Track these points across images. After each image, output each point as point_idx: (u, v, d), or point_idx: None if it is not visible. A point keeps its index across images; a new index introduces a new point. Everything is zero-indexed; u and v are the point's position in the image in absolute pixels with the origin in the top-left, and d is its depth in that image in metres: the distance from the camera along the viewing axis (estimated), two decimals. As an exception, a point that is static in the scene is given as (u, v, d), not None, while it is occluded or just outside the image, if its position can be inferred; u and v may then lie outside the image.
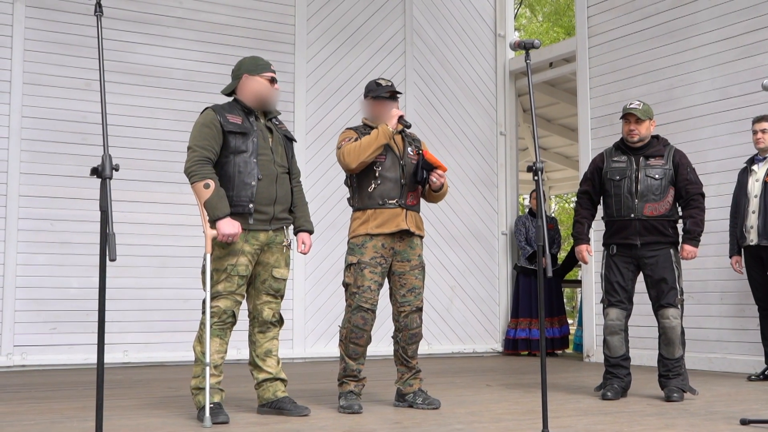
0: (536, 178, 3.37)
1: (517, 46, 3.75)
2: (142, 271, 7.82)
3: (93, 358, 7.55)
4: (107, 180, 2.70)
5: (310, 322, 8.58)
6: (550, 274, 3.25)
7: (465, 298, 9.47)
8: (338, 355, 4.94)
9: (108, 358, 7.54)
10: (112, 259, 2.65)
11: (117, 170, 2.73)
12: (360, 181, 4.81)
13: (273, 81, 4.51)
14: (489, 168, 9.81)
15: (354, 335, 4.73)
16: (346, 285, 4.79)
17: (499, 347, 9.61)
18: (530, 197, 9.99)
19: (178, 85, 8.14)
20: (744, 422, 4.17)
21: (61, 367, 7.38)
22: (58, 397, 5.40)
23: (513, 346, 9.42)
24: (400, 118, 4.80)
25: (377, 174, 4.76)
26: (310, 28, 8.89)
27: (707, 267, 7.43)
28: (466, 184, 9.59)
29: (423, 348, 9.08)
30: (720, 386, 6.08)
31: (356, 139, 4.75)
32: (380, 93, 4.86)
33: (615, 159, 5.46)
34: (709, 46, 7.60)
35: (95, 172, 2.72)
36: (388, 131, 4.72)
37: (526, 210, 9.83)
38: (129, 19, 8.02)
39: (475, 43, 9.83)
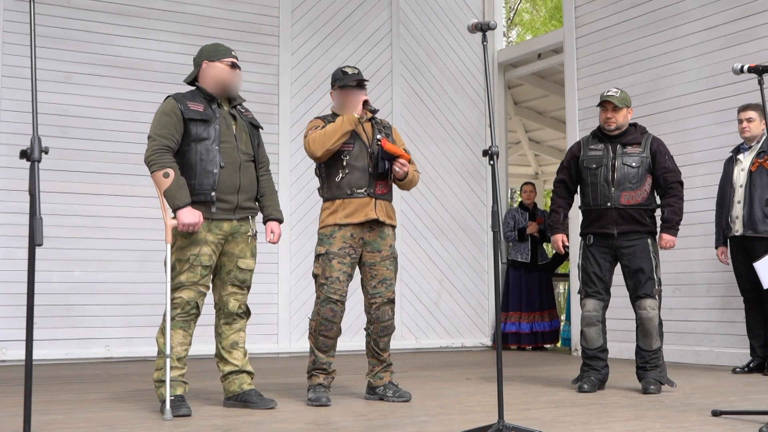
0: (491, 162, 3.28)
1: (474, 29, 3.65)
2: (124, 265, 7.74)
3: (75, 353, 7.51)
4: (36, 163, 2.63)
5: (295, 317, 8.49)
6: (504, 260, 3.17)
7: (453, 291, 9.38)
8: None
9: (89, 353, 7.52)
10: (39, 244, 2.57)
11: (46, 153, 2.66)
12: (328, 170, 4.73)
13: (234, 66, 4.43)
14: (477, 161, 9.71)
15: (323, 327, 4.64)
16: (315, 276, 4.71)
17: (489, 341, 9.52)
18: (520, 190, 9.90)
19: (161, 78, 8.05)
20: (715, 413, 4.09)
21: (42, 363, 7.30)
22: (29, 391, 5.32)
23: (502, 339, 9.33)
24: (365, 103, 4.72)
25: (345, 163, 4.68)
26: (294, 20, 8.81)
27: (694, 259, 7.34)
28: (454, 176, 9.50)
29: (411, 342, 9.04)
30: (702, 379, 5.99)
31: (323, 128, 4.68)
32: (347, 82, 4.77)
33: (592, 147, 5.37)
34: (695, 35, 7.51)
35: (24, 155, 2.64)
36: (354, 118, 4.64)
37: (515, 203, 9.75)
38: (111, 11, 7.94)
39: (463, 34, 9.71)
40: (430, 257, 9.25)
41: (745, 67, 4.09)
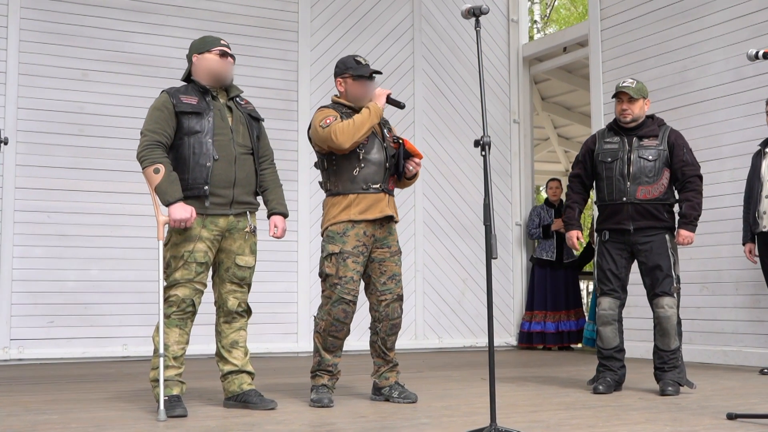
0: (483, 153, 3.13)
1: (468, 14, 3.52)
2: (141, 263, 7.67)
3: (91, 352, 7.47)
4: (-6, 154, 2.54)
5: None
6: (495, 256, 3.02)
7: (477, 290, 9.21)
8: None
9: (106, 351, 7.50)
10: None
11: (6, 144, 2.57)
12: (341, 164, 4.55)
13: (224, 54, 4.32)
14: (502, 157, 9.54)
15: (334, 328, 4.50)
16: (325, 276, 4.55)
17: (514, 341, 9.34)
18: (546, 187, 9.70)
19: (178, 75, 7.82)
20: (731, 417, 3.89)
21: (59, 361, 7.28)
22: (36, 390, 5.28)
23: (528, 339, 9.14)
24: (389, 97, 4.58)
25: (361, 157, 4.53)
26: (314, 15, 8.70)
27: (721, 256, 7.11)
28: (478, 173, 9.31)
29: (434, 342, 8.89)
30: (726, 380, 5.77)
31: (339, 119, 4.52)
32: (363, 72, 4.61)
33: (607, 140, 5.19)
34: (722, 25, 7.27)
35: (-17, 145, 2.56)
36: (380, 110, 4.51)
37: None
38: (127, 7, 7.89)
39: (487, 28, 9.52)
40: (453, 255, 9.10)
41: (761, 53, 3.89)
